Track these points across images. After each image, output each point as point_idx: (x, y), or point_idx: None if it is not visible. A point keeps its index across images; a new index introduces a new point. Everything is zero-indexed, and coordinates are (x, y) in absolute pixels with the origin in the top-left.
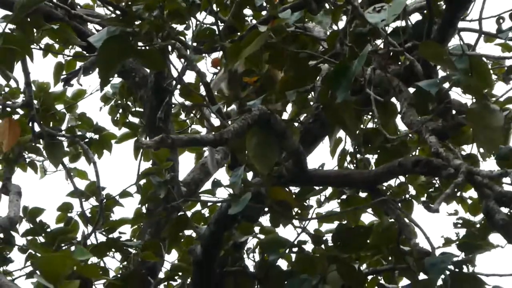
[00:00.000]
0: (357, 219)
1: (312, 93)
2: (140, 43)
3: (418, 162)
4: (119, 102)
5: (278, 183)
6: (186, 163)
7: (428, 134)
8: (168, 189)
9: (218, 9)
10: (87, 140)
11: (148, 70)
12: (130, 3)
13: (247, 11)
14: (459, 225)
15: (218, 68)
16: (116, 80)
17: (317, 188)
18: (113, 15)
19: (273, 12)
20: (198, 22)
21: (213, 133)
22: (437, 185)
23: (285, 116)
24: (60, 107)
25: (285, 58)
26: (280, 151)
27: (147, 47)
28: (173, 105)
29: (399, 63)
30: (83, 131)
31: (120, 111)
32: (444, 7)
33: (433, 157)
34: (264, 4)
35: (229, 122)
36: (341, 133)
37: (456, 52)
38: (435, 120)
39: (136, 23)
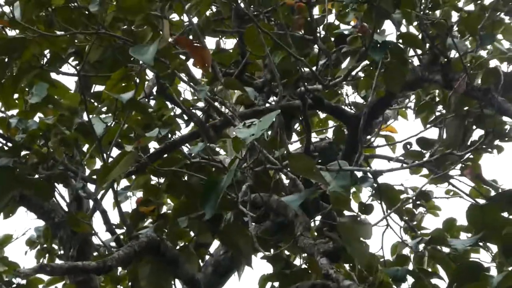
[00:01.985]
0: None
1: None
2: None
3: (314, 286)
4: (45, 245)
5: None
6: None
7: (320, 256)
8: None
9: None
10: (14, 286)
11: (66, 210)
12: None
13: None
14: None
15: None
16: (41, 223)
17: None
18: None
19: None
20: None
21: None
22: None
23: None
24: None
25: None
26: (173, 280)
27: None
28: (99, 246)
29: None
30: (10, 277)
31: (47, 255)
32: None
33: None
34: None
35: None
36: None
37: (333, 168)
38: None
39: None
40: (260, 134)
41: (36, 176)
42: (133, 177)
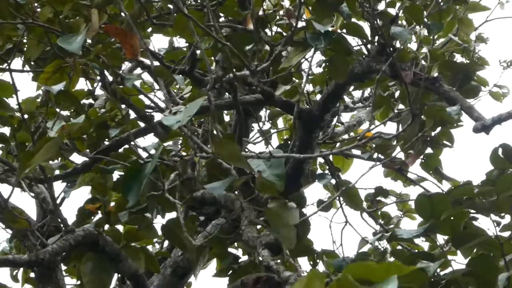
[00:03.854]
0: None
1: None
2: None
3: (258, 279)
4: None
5: None
6: None
7: (261, 248)
8: None
9: None
10: None
11: (34, 217)
12: None
13: None
14: None
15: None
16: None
17: None
18: None
19: None
20: None
21: (28, 254)
22: None
23: None
24: None
25: None
26: (115, 275)
27: None
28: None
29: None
30: None
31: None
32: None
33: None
34: None
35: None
36: None
37: (263, 156)
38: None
39: None
40: (187, 121)
41: None
42: None
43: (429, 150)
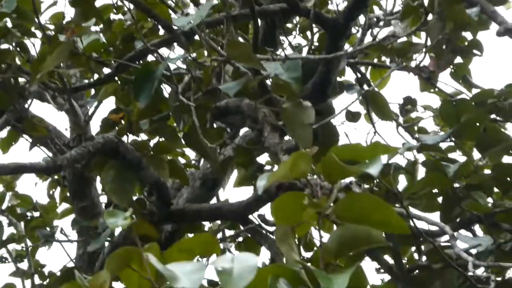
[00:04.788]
0: None
1: None
2: None
3: (280, 186)
4: (56, 177)
5: (150, 222)
6: None
7: (282, 153)
8: None
9: None
10: (28, 218)
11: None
12: None
13: None
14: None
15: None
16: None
17: None
18: None
19: None
20: None
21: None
22: None
23: None
24: None
25: None
26: (137, 184)
27: None
28: None
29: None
30: (22, 210)
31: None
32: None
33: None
34: None
35: None
36: None
37: (279, 58)
38: None
39: None
40: (198, 22)
41: None
42: None
43: (458, 60)
